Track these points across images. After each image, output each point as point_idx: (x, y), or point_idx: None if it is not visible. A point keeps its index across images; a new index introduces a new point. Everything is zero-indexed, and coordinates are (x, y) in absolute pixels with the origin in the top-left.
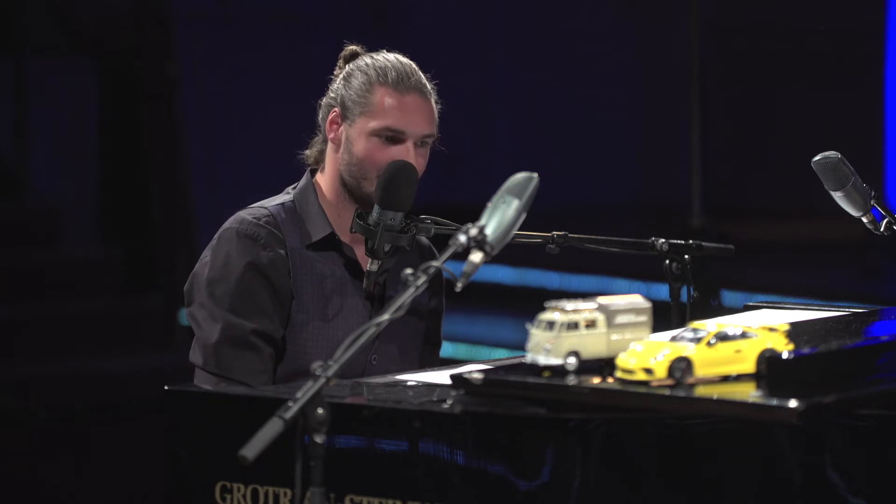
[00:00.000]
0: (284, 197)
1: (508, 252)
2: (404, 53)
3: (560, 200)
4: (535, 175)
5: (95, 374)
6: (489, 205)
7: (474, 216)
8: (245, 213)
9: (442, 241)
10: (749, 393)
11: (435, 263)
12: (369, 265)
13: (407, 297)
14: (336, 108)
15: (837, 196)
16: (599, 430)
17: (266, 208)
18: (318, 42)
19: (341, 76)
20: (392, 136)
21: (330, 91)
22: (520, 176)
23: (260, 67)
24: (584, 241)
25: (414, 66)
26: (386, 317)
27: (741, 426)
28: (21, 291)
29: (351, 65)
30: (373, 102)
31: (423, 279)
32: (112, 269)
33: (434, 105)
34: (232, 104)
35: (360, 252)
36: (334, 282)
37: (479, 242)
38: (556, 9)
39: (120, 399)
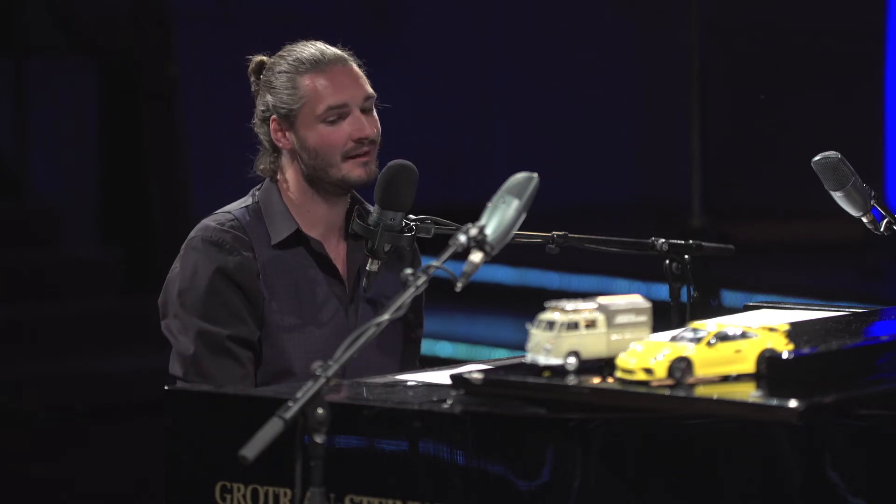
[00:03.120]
0: (249, 199)
1: (508, 252)
2: (404, 53)
3: (560, 200)
4: (535, 175)
5: (95, 374)
6: (489, 205)
7: (474, 216)
8: (209, 220)
9: (442, 241)
10: (749, 393)
11: (435, 263)
12: (369, 265)
13: (407, 296)
14: (274, 117)
15: (837, 196)
16: (599, 430)
17: (230, 213)
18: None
19: (262, 87)
20: (338, 114)
21: (259, 105)
22: (520, 176)
23: None
24: (584, 241)
25: (322, 43)
26: (386, 317)
27: (741, 426)
28: (21, 291)
29: (265, 73)
30: (304, 94)
31: (423, 279)
32: (112, 269)
33: (359, 67)
34: (232, 104)
35: (329, 246)
36: (306, 278)
37: (479, 242)
38: (556, 9)
39: (120, 399)
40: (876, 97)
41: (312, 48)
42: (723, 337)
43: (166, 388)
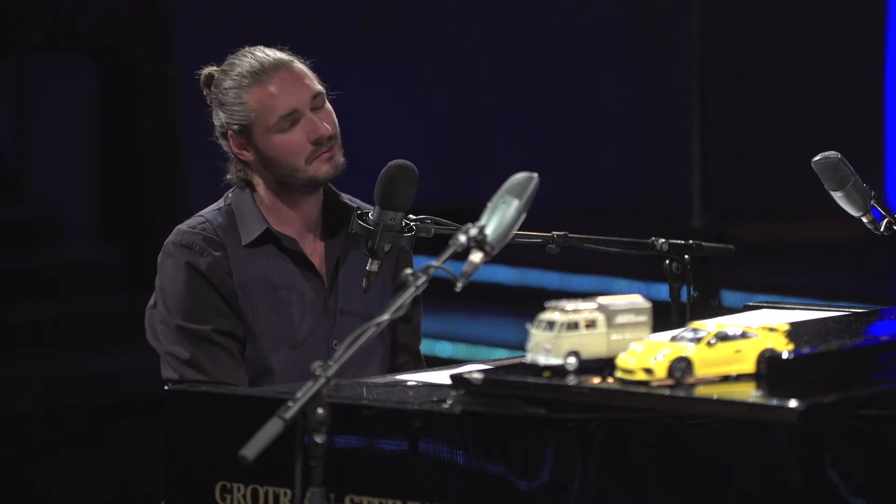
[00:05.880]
0: (222, 202)
1: (508, 252)
2: (404, 53)
3: (560, 200)
4: (535, 175)
5: (95, 374)
6: (489, 205)
7: (474, 216)
8: (182, 225)
9: (442, 241)
10: (749, 393)
11: (435, 263)
12: (369, 265)
13: (407, 297)
14: (231, 133)
15: (837, 196)
16: (599, 430)
17: (202, 216)
18: (318, 42)
19: (214, 103)
20: (290, 121)
21: (215, 121)
22: (520, 176)
23: None
24: (584, 241)
25: (262, 48)
26: (386, 317)
27: (741, 426)
28: (21, 291)
29: (214, 89)
30: (252, 108)
31: (423, 279)
32: (112, 269)
33: (301, 65)
34: None
35: (305, 243)
36: (280, 276)
37: (479, 242)
38: (557, 9)
39: (120, 399)
40: (876, 97)
41: (251, 58)
42: (723, 337)
43: (166, 388)
